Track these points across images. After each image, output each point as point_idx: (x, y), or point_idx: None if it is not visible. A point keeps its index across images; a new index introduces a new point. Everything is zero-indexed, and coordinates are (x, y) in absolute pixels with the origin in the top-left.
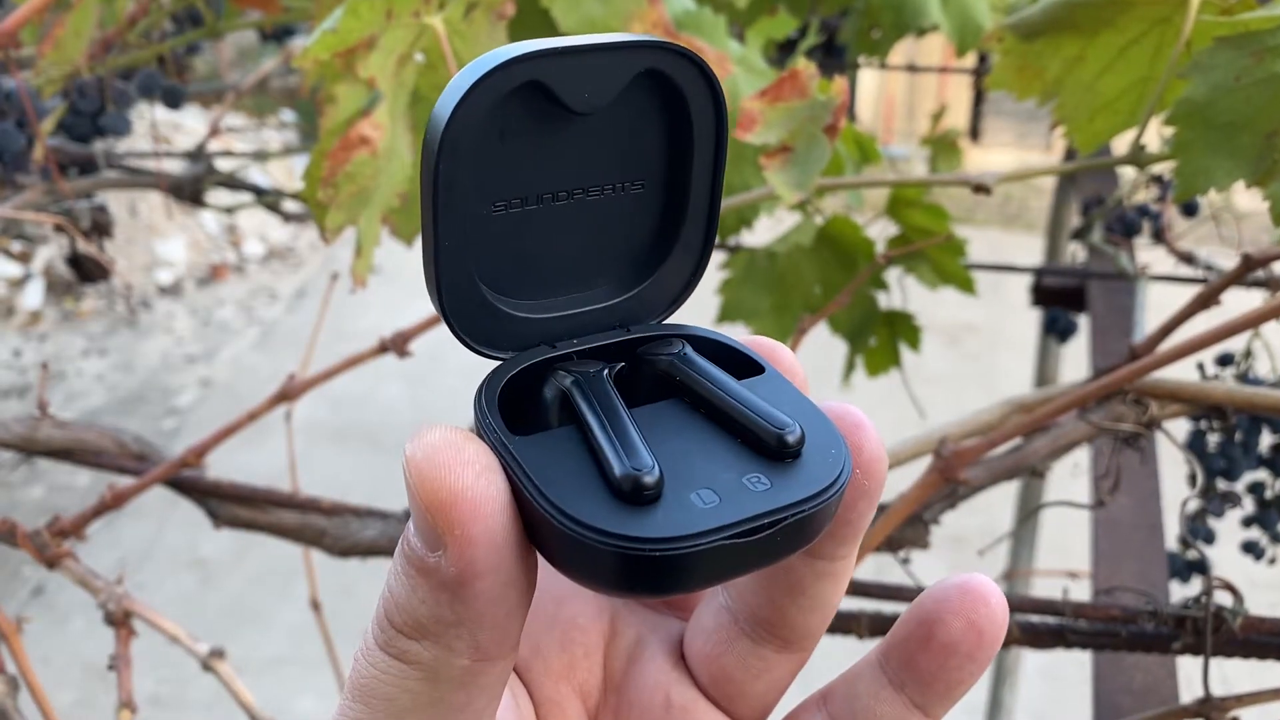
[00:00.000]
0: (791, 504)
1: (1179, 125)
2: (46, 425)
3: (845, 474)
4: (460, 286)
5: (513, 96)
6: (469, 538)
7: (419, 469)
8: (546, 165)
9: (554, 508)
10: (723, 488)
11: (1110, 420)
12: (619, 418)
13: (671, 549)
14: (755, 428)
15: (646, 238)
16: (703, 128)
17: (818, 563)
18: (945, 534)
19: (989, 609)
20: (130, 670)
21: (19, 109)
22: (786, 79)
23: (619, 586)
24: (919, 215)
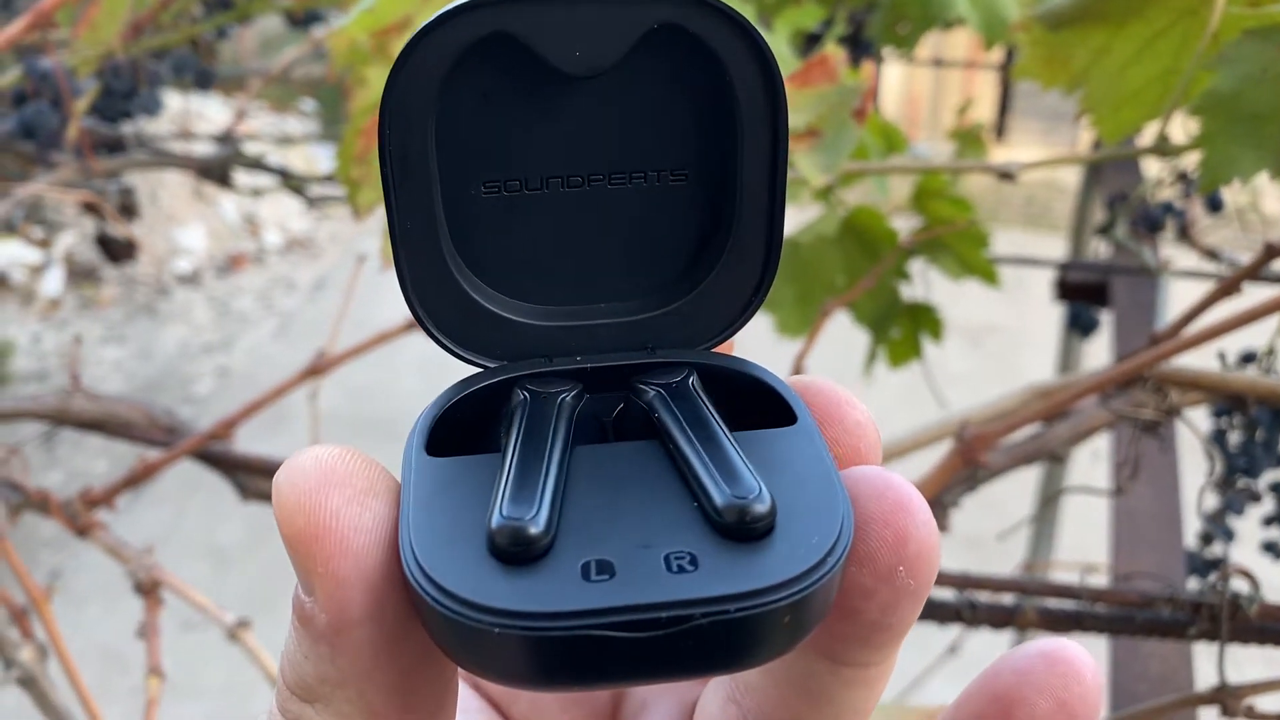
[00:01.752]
0: (709, 599)
1: (1205, 116)
2: (79, 398)
3: (823, 573)
4: (433, 278)
5: (484, 53)
6: (338, 577)
7: (280, 494)
8: (550, 141)
9: (409, 551)
10: (631, 560)
11: (1130, 407)
12: (541, 453)
13: (519, 628)
14: (715, 492)
15: (687, 242)
16: (751, 103)
17: (844, 669)
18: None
19: (1083, 687)
20: (159, 639)
21: (54, 89)
22: (815, 64)
23: (469, 665)
24: (944, 207)
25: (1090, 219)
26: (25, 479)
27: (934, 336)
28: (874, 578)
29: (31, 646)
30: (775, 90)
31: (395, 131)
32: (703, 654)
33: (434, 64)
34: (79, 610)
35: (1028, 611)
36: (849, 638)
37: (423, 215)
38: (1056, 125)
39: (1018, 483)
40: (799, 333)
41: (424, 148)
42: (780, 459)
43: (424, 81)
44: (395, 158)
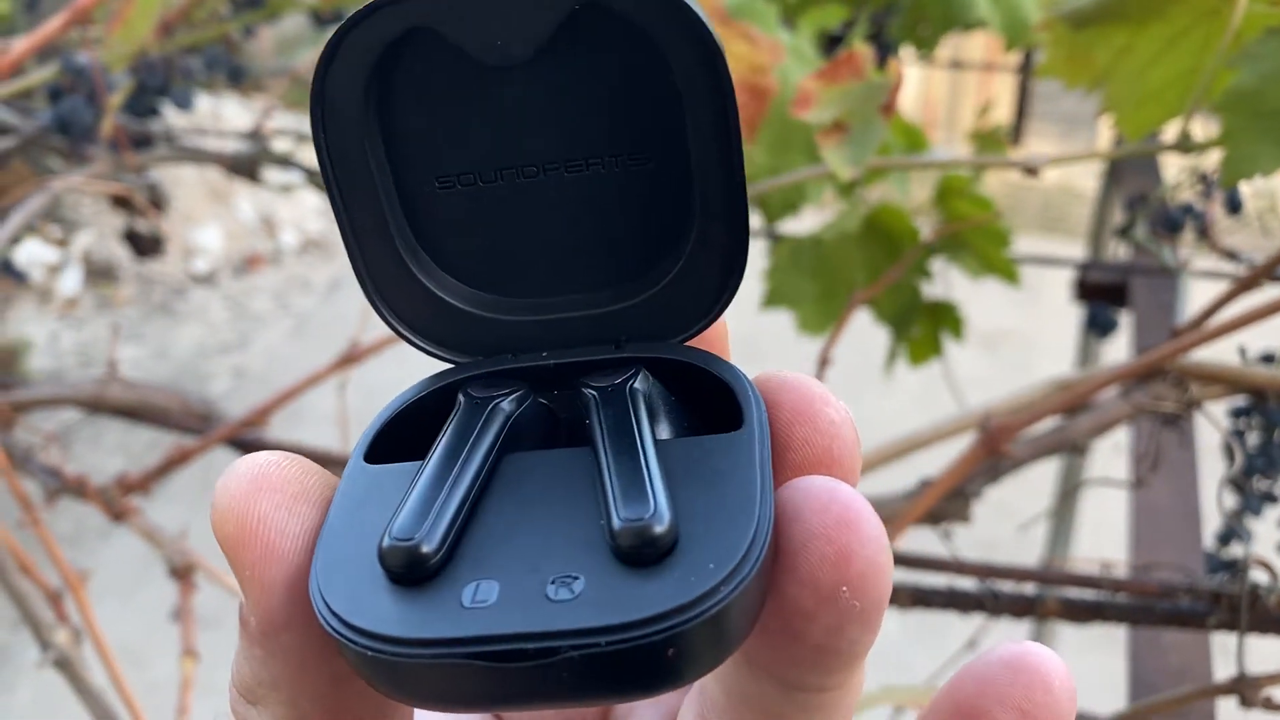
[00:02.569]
0: (579, 631)
1: (1227, 113)
2: (116, 385)
3: (713, 603)
4: (393, 276)
5: (409, 50)
6: (265, 582)
7: (215, 498)
8: (497, 133)
9: (314, 565)
10: (516, 584)
11: (1151, 400)
12: (454, 465)
13: (387, 653)
14: (616, 511)
15: (653, 230)
16: (692, 82)
17: (798, 694)
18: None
19: (1048, 695)
20: (193, 622)
21: (89, 84)
22: (843, 60)
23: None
24: (966, 206)
25: (1109, 221)
26: (63, 465)
27: (955, 335)
28: (815, 599)
29: (67, 630)
30: (716, 67)
31: (331, 134)
32: (581, 685)
33: (357, 65)
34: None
35: (1049, 601)
36: (796, 662)
37: (373, 213)
38: (1074, 129)
39: (1034, 487)
40: (820, 330)
41: (362, 147)
42: (711, 471)
43: (350, 83)
44: (335, 159)
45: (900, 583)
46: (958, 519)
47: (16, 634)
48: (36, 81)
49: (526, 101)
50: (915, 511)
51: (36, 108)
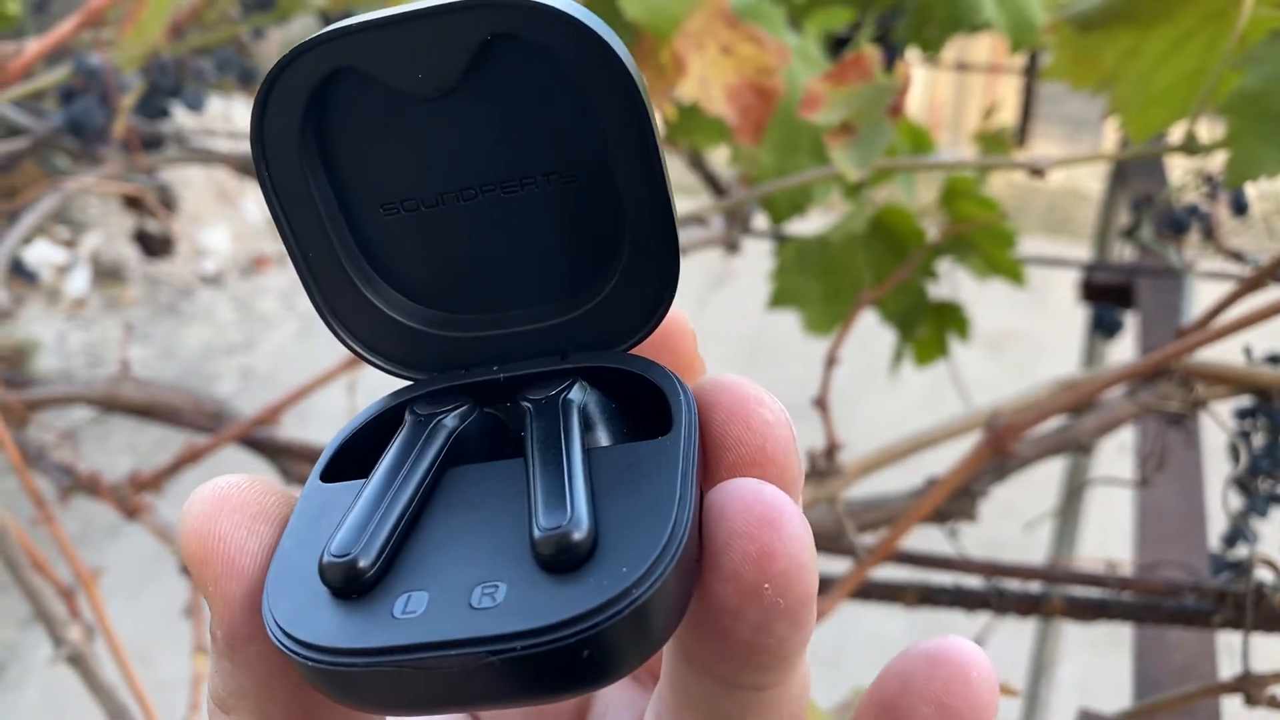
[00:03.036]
0: (497, 636)
1: (1232, 115)
2: (128, 384)
3: (625, 604)
4: (346, 300)
5: (339, 87)
6: (228, 597)
7: (182, 520)
8: (433, 159)
9: (267, 581)
10: (444, 594)
11: (1157, 399)
12: (394, 481)
13: (323, 663)
14: (539, 520)
15: (590, 244)
16: (610, 106)
17: (737, 692)
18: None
19: (967, 687)
20: (204, 618)
21: (101, 85)
22: (851, 62)
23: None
24: (972, 207)
25: (1114, 223)
26: (76, 463)
27: (961, 335)
28: (738, 596)
29: (79, 626)
30: (629, 88)
31: (274, 170)
32: (506, 686)
33: (290, 105)
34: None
35: (1054, 599)
36: (728, 658)
37: (321, 242)
38: (1079, 131)
39: (1039, 488)
40: (826, 330)
41: (305, 181)
42: (636, 476)
43: (286, 122)
44: (281, 195)
45: (907, 581)
46: (964, 518)
47: (25, 632)
48: (49, 83)
49: (458, 128)
50: (922, 510)
51: (49, 109)
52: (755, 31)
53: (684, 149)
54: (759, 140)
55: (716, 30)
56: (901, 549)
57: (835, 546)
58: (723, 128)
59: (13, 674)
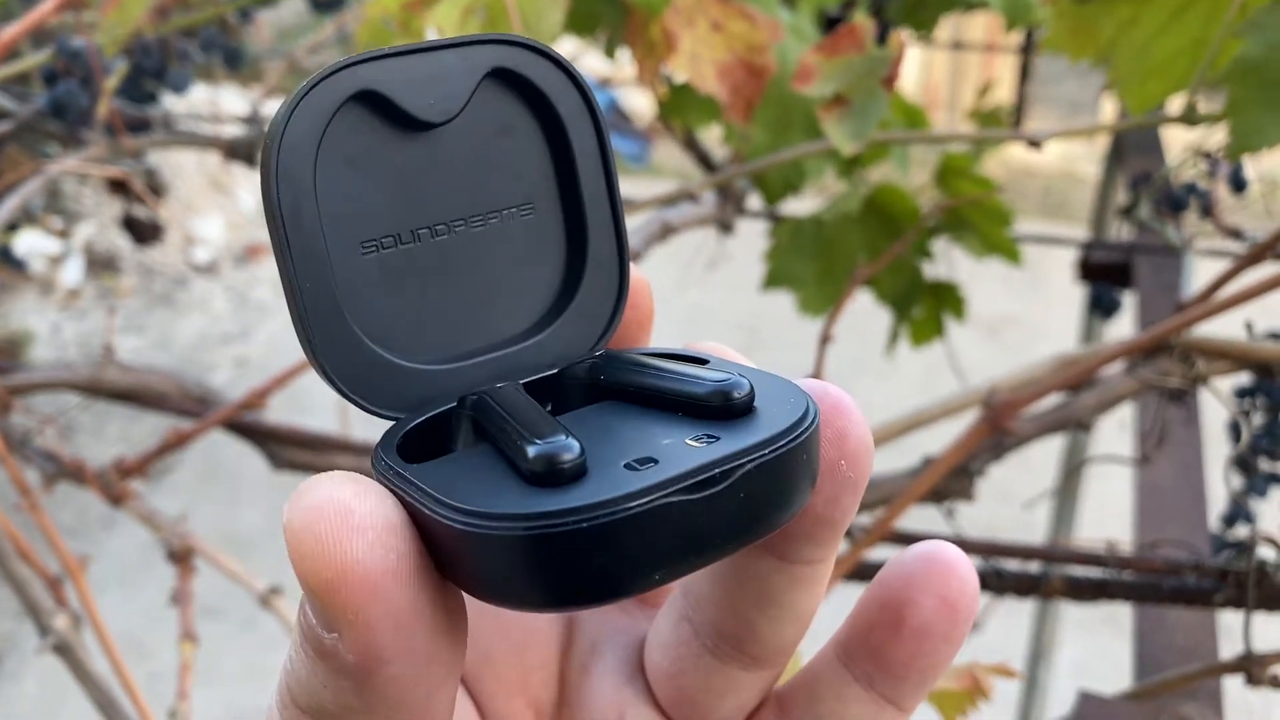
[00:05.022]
0: (745, 449)
1: (1233, 84)
2: (112, 369)
3: (811, 417)
4: (339, 339)
5: (350, 113)
6: (367, 623)
7: (297, 541)
8: (412, 196)
9: (455, 512)
10: (663, 451)
11: (1157, 375)
12: (529, 413)
13: (598, 516)
14: (694, 389)
15: (555, 264)
16: (580, 133)
17: (791, 567)
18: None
19: (959, 580)
20: (192, 606)
21: (85, 68)
22: (844, 33)
23: (548, 588)
24: (967, 185)
25: (1112, 201)
26: (60, 449)
27: (957, 315)
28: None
29: (66, 615)
30: (596, 115)
31: (286, 195)
32: (757, 505)
33: (311, 126)
34: (98, 596)
35: (1054, 580)
36: (797, 533)
37: (320, 275)
38: (1076, 112)
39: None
40: (821, 311)
41: (313, 209)
42: (721, 368)
43: (305, 144)
44: (289, 219)
45: None
46: (961, 497)
47: (22, 624)
48: (31, 65)
49: (437, 165)
50: (919, 488)
51: (35, 92)
52: (747, 8)
53: (677, 129)
54: (750, 118)
55: (707, 6)
56: (898, 529)
57: None
58: (715, 107)
59: (10, 665)
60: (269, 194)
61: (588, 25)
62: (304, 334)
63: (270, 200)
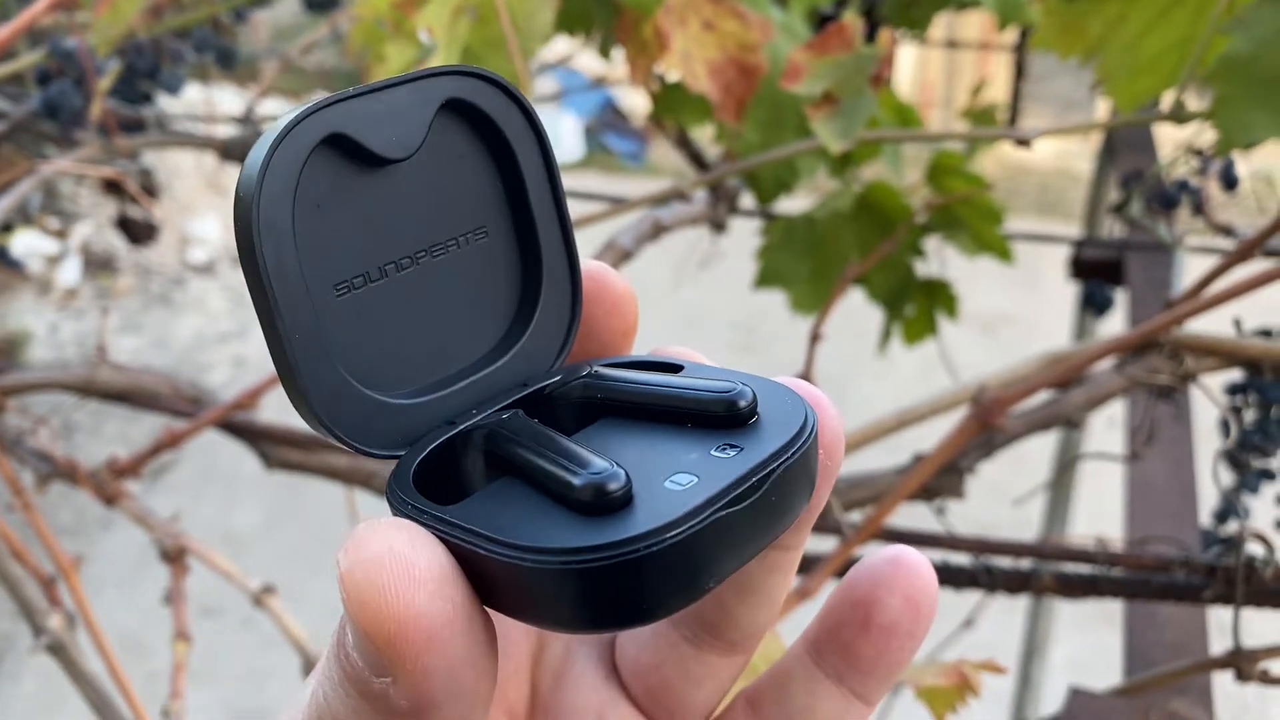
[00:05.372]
0: (772, 455)
1: (1221, 80)
2: (105, 369)
3: (812, 418)
4: (330, 385)
5: (319, 157)
6: (424, 671)
7: (358, 592)
8: (378, 233)
9: (519, 551)
10: (695, 466)
11: (1146, 372)
12: (556, 441)
13: (668, 539)
14: (702, 404)
15: (512, 284)
16: (527, 154)
17: (770, 553)
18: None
19: (923, 580)
20: (185, 605)
21: (78, 68)
22: (833, 32)
23: (613, 611)
24: (959, 183)
25: (1104, 199)
26: (54, 449)
27: (949, 313)
28: None
29: (60, 614)
30: (541, 136)
31: (269, 248)
32: (784, 503)
33: (286, 176)
34: (97, 596)
35: (1044, 577)
36: None
37: (305, 324)
38: (1070, 110)
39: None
40: (813, 309)
41: (294, 258)
42: (708, 377)
43: (282, 194)
44: (274, 273)
45: None
46: (952, 494)
47: (19, 624)
48: (24, 65)
49: (399, 198)
50: (909, 486)
51: (28, 92)
52: (738, 7)
53: (669, 128)
54: (741, 118)
55: (699, 6)
56: (888, 527)
57: (821, 525)
58: (707, 106)
59: (9, 665)
60: (252, 249)
61: (580, 24)
62: (295, 385)
63: (254, 255)
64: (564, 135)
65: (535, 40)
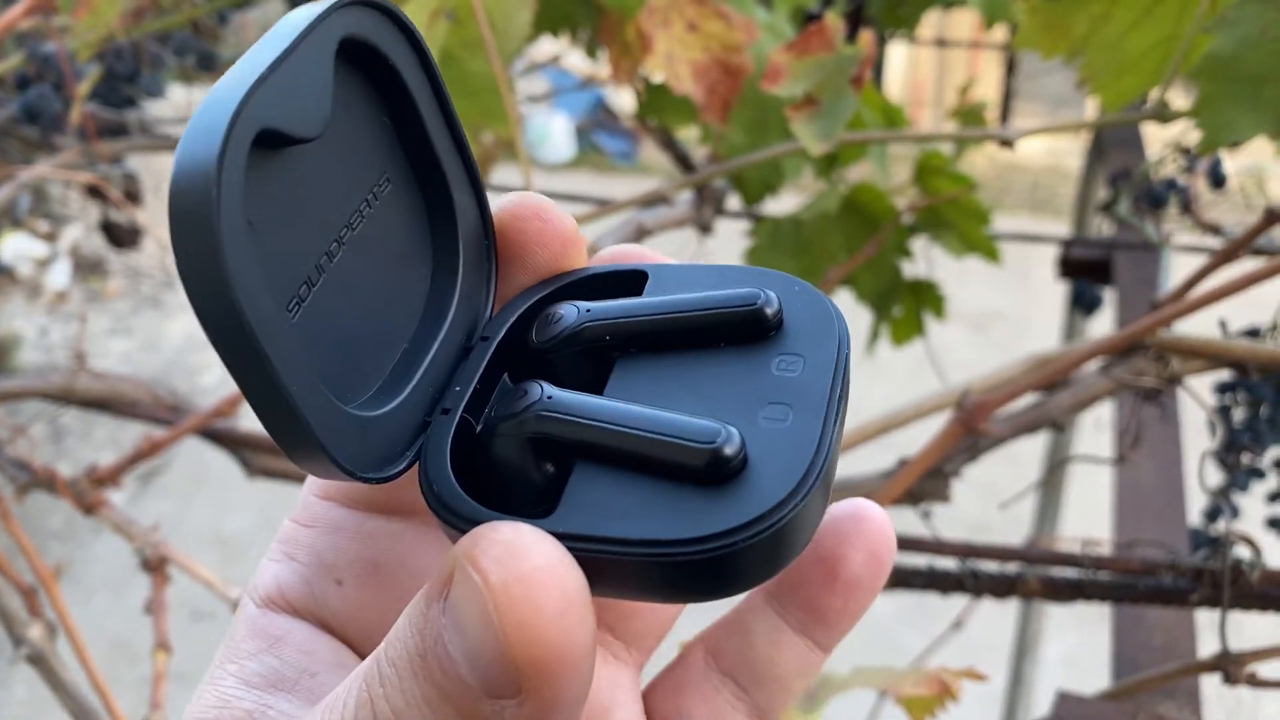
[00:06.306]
0: (836, 354)
1: (1204, 79)
2: (84, 377)
3: (831, 305)
4: (338, 425)
5: (253, 159)
6: (559, 696)
7: (515, 612)
8: (305, 229)
9: (657, 547)
10: (777, 393)
11: (1132, 375)
12: (627, 411)
13: (811, 486)
14: (727, 318)
15: (427, 231)
16: (415, 81)
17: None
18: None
19: (885, 534)
20: (165, 614)
21: (56, 72)
22: (813, 33)
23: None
24: (946, 183)
25: (1093, 197)
26: (32, 458)
27: (937, 313)
28: None
29: (40, 625)
30: (425, 57)
31: (245, 295)
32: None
33: (236, 204)
34: (86, 601)
35: (1030, 580)
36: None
37: (294, 363)
38: (1061, 107)
39: (1020, 467)
40: None
41: (265, 295)
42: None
43: (233, 202)
44: (258, 318)
45: None
46: (938, 498)
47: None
48: (3, 69)
49: (311, 182)
50: (893, 491)
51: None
52: (722, 8)
53: (654, 129)
54: (726, 119)
55: (683, 6)
56: None
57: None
58: (693, 107)
59: None
60: (227, 301)
61: (562, 24)
62: (303, 432)
63: (230, 309)
64: (556, 135)
65: (514, 41)
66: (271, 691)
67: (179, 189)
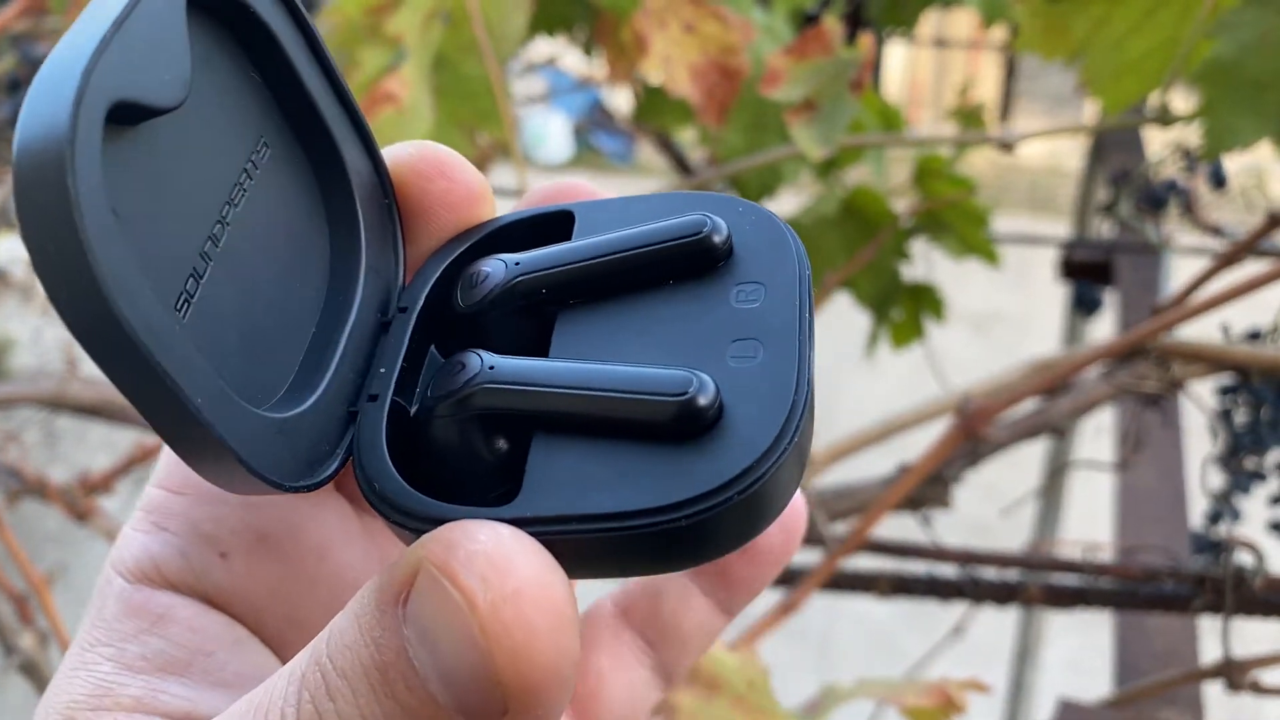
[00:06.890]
0: (798, 279)
1: (1205, 84)
2: (76, 384)
3: (781, 223)
4: (245, 425)
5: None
6: (549, 713)
7: (508, 636)
8: (181, 213)
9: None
10: (741, 328)
11: (1133, 380)
12: (582, 370)
13: (797, 425)
14: (671, 252)
15: (318, 196)
16: (282, 26)
17: None
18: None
19: (797, 509)
20: None
21: None
22: (811, 36)
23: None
24: (944, 186)
25: (1093, 199)
26: (24, 465)
27: (936, 316)
28: None
29: (32, 633)
30: (294, 7)
31: (123, 299)
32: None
33: (96, 194)
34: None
35: (1031, 588)
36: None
37: (195, 366)
38: (1060, 107)
39: (1022, 468)
40: None
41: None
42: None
43: (92, 188)
44: (143, 325)
45: (880, 570)
46: (938, 504)
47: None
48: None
49: (180, 157)
50: (893, 497)
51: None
52: (720, 9)
53: (651, 131)
54: (724, 121)
55: (679, 7)
56: (874, 538)
57: (805, 537)
58: (690, 109)
59: None
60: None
61: (557, 25)
62: (215, 447)
63: (106, 318)
64: (553, 135)
65: (509, 44)
66: (161, 675)
67: (26, 184)
